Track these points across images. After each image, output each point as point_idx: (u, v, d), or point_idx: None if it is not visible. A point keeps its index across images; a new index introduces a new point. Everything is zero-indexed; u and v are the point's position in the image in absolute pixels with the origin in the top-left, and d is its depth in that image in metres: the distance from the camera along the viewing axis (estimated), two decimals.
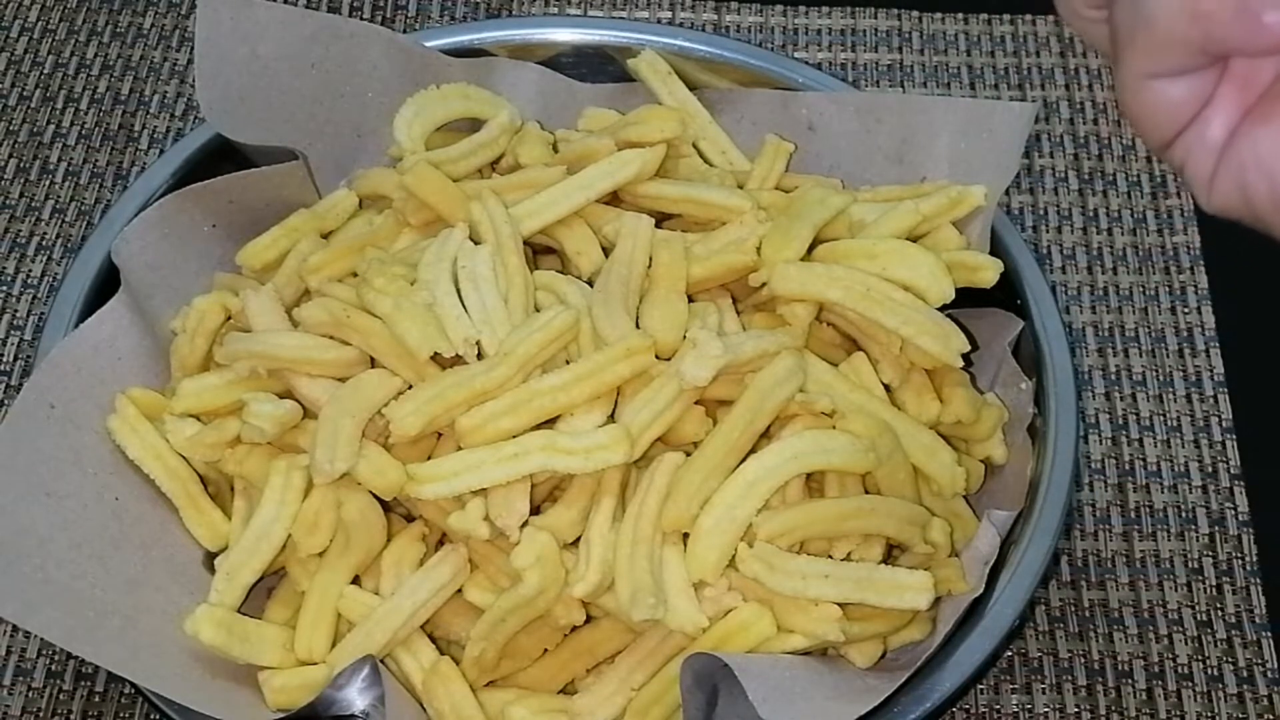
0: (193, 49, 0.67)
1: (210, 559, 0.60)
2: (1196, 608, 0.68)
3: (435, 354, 0.57)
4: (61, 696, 0.65)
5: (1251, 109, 0.38)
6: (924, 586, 0.55)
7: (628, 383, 0.57)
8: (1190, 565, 0.69)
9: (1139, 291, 0.78)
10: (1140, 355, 0.76)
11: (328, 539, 0.57)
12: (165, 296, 0.65)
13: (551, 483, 0.58)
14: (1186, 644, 0.67)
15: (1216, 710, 0.65)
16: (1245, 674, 0.66)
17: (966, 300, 0.63)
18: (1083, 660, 0.67)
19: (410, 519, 0.59)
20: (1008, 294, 0.65)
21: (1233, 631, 0.68)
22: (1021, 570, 0.58)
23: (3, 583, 0.54)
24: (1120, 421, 0.74)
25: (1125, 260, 0.79)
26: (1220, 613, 0.68)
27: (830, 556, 0.56)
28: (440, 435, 0.59)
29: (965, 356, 0.60)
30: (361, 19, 0.88)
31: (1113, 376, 0.75)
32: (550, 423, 0.57)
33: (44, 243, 0.79)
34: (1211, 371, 0.75)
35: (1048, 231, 0.81)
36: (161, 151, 0.82)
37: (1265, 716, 0.65)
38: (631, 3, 0.90)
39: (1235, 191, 0.38)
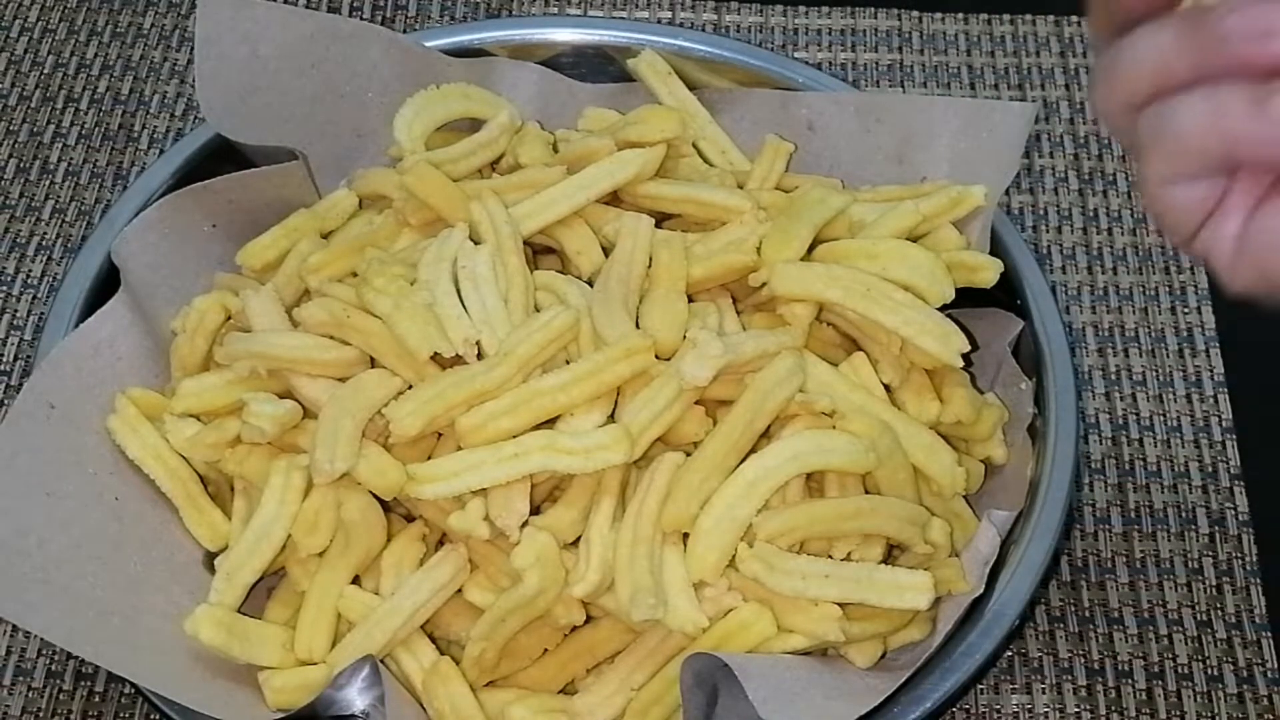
0: (193, 49, 0.67)
1: (210, 559, 0.60)
2: (1196, 608, 0.68)
3: (435, 354, 0.57)
4: (61, 696, 0.65)
5: (1262, 198, 0.40)
6: (924, 586, 0.55)
7: (628, 383, 0.57)
8: (1190, 565, 0.69)
9: (1139, 291, 0.78)
10: (1140, 355, 0.76)
11: (328, 539, 0.57)
12: (165, 296, 0.65)
13: (551, 483, 0.58)
14: (1186, 644, 0.67)
15: (1216, 710, 0.65)
16: (1245, 674, 0.66)
17: (966, 300, 0.63)
18: (1083, 660, 0.67)
19: (410, 519, 0.59)
20: (1008, 294, 0.65)
21: (1233, 631, 0.67)
22: (1021, 570, 0.58)
23: (3, 583, 0.54)
24: (1120, 421, 0.74)
25: (1125, 260, 0.79)
26: (1220, 613, 0.68)
27: (830, 556, 0.56)
28: (440, 435, 0.59)
29: (965, 356, 0.60)
30: (361, 19, 0.88)
31: (1113, 376, 0.75)
32: (550, 423, 0.57)
33: (44, 243, 0.79)
34: (1211, 371, 0.75)
35: (1048, 231, 0.81)
36: (161, 151, 0.82)
37: (1265, 716, 0.65)
38: (631, 3, 0.90)
39: (1255, 274, 0.41)
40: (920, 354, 0.60)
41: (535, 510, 0.57)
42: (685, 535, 0.55)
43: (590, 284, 0.61)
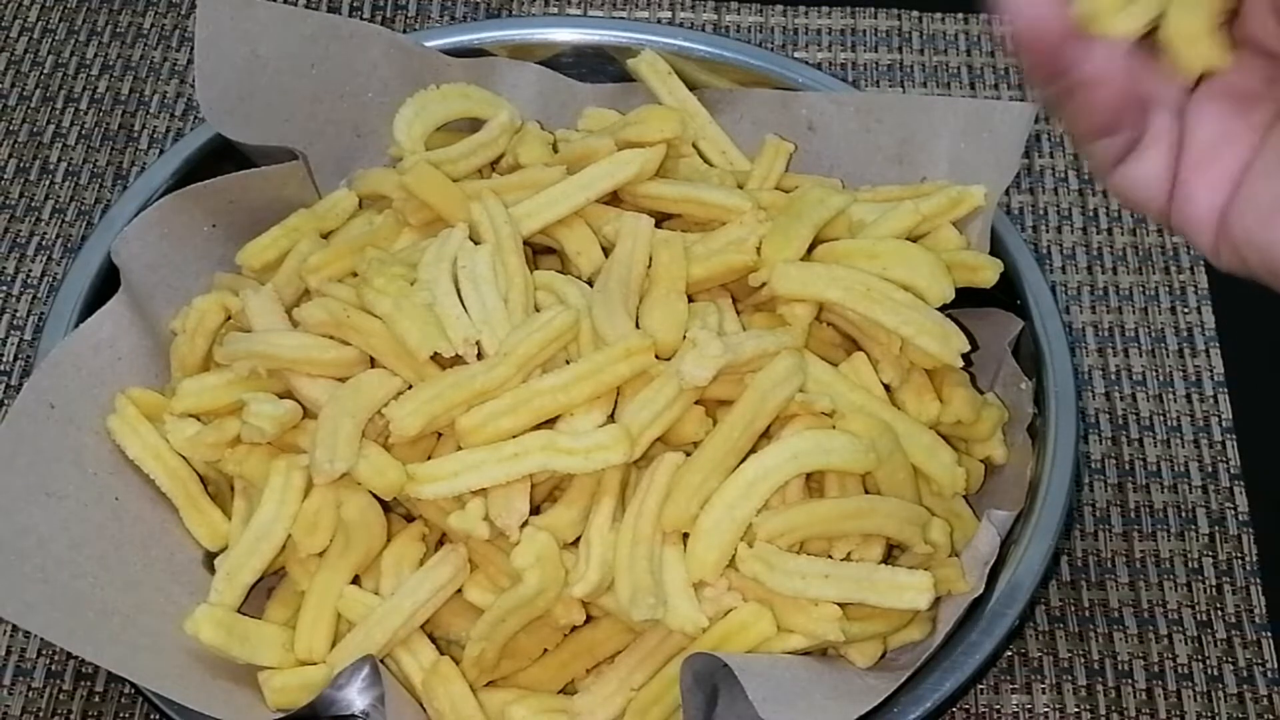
0: (193, 49, 0.67)
1: (210, 559, 0.60)
2: (1196, 608, 0.68)
3: (435, 354, 0.57)
4: (61, 696, 0.65)
5: (1238, 184, 0.41)
6: (924, 586, 0.55)
7: (628, 383, 0.57)
8: (1190, 565, 0.69)
9: (1139, 291, 0.78)
10: (1140, 355, 0.76)
11: (328, 539, 0.57)
12: (165, 296, 0.65)
13: (551, 483, 0.58)
14: (1186, 644, 0.67)
15: (1216, 710, 0.65)
16: (1245, 674, 0.66)
17: (966, 300, 0.63)
18: (1083, 660, 0.67)
19: (410, 519, 0.59)
20: (1008, 294, 0.65)
21: (1233, 631, 0.67)
22: (1021, 570, 0.58)
23: (3, 583, 0.54)
24: (1120, 421, 0.74)
25: (1125, 260, 0.79)
26: (1220, 613, 0.68)
27: (830, 556, 0.56)
28: (440, 435, 0.59)
29: (965, 356, 0.60)
30: (361, 19, 0.88)
31: (1113, 376, 0.75)
32: (550, 423, 0.57)
33: (44, 243, 0.79)
34: (1211, 371, 0.75)
35: (1048, 231, 0.81)
36: (161, 151, 0.82)
37: (1265, 716, 0.65)
38: (631, 3, 0.90)
39: (1238, 263, 0.42)
40: (920, 354, 0.60)
41: (535, 510, 0.57)
42: (685, 535, 0.55)
43: (590, 284, 0.61)
